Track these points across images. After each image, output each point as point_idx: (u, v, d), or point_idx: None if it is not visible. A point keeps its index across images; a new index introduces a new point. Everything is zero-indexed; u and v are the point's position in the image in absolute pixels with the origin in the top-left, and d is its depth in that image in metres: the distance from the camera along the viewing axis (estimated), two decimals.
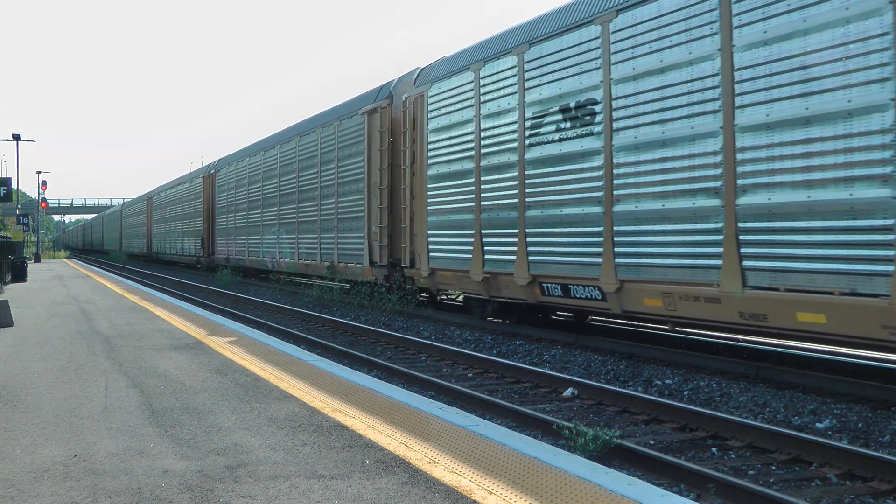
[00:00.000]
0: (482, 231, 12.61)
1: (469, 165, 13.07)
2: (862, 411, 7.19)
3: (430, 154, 14.25)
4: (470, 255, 12.94)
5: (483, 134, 12.68)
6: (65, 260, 63.82)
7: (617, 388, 8.02)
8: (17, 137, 48.40)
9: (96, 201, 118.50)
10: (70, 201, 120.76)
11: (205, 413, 5.50)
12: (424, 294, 17.25)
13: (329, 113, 20.65)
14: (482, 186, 12.65)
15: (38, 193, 62.86)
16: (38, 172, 72.01)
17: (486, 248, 12.51)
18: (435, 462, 4.25)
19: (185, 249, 37.67)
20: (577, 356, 10.48)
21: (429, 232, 14.29)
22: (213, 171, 33.32)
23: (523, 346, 11.55)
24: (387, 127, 16.73)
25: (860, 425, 6.79)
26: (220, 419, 5.30)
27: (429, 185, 14.34)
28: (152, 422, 5.26)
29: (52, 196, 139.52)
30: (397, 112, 16.42)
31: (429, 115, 14.36)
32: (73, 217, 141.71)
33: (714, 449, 6.32)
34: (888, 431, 6.57)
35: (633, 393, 7.80)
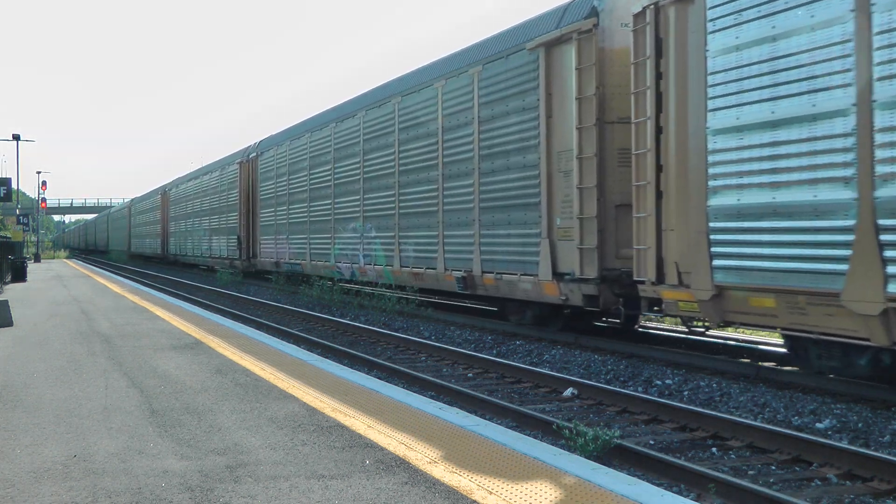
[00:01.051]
0: (878, 221, 6.81)
1: (838, 101, 7.21)
2: (862, 411, 7.19)
3: (715, 93, 8.48)
4: (841, 266, 7.13)
5: None
6: (65, 260, 63.82)
7: (617, 388, 8.02)
8: (17, 137, 48.42)
9: (96, 201, 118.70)
10: (70, 201, 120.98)
11: (205, 413, 5.50)
12: (613, 318, 12.42)
13: (458, 57, 14.55)
14: (880, 137, 6.82)
15: (38, 193, 62.89)
16: (38, 172, 72.24)
17: (888, 250, 6.76)
18: (435, 462, 4.25)
19: (215, 250, 31.44)
20: (577, 356, 10.48)
21: (712, 224, 8.51)
22: (253, 155, 27.00)
23: (523, 346, 11.54)
24: (591, 62, 10.75)
25: (860, 425, 6.79)
26: (220, 419, 5.30)
27: (713, 146, 8.49)
28: (152, 422, 5.26)
29: (52, 196, 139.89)
30: (610, 38, 10.85)
31: (711, 27, 8.53)
32: (73, 217, 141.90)
33: (714, 449, 6.32)
34: (888, 431, 6.57)
35: (633, 393, 7.81)
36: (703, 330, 10.32)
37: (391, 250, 16.42)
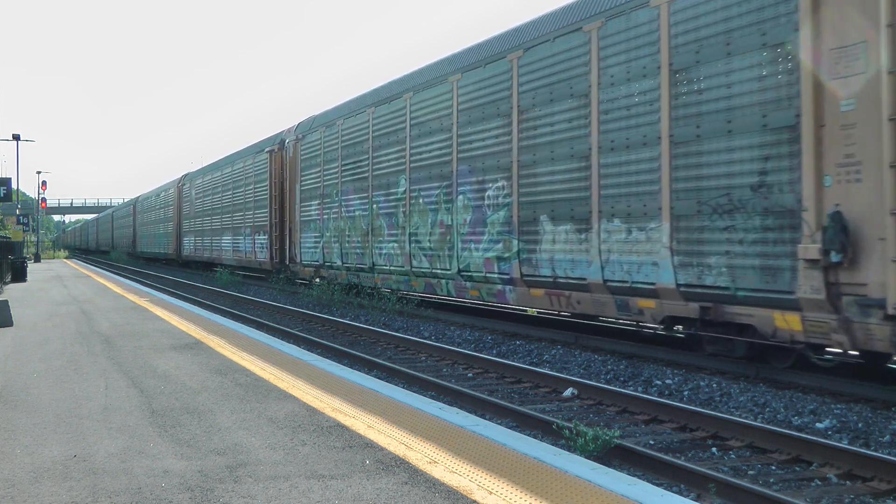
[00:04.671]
0: None
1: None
2: (862, 411, 7.19)
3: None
4: None
5: None
6: (64, 260, 63.78)
7: (617, 388, 8.02)
8: (17, 137, 48.39)
9: (96, 201, 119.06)
10: (70, 201, 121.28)
11: (205, 413, 5.50)
12: None
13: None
14: None
15: (38, 193, 62.82)
16: (38, 172, 71.91)
17: None
18: (435, 462, 4.25)
19: (472, 258, 13.19)
20: (577, 356, 10.48)
21: None
22: None
23: (523, 346, 11.54)
24: None
25: (860, 425, 6.79)
26: (219, 419, 5.30)
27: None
28: (152, 422, 5.26)
29: (52, 196, 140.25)
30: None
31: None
32: (73, 217, 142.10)
33: (714, 449, 6.32)
34: (888, 431, 6.57)
35: (633, 393, 7.80)
36: None
37: None
